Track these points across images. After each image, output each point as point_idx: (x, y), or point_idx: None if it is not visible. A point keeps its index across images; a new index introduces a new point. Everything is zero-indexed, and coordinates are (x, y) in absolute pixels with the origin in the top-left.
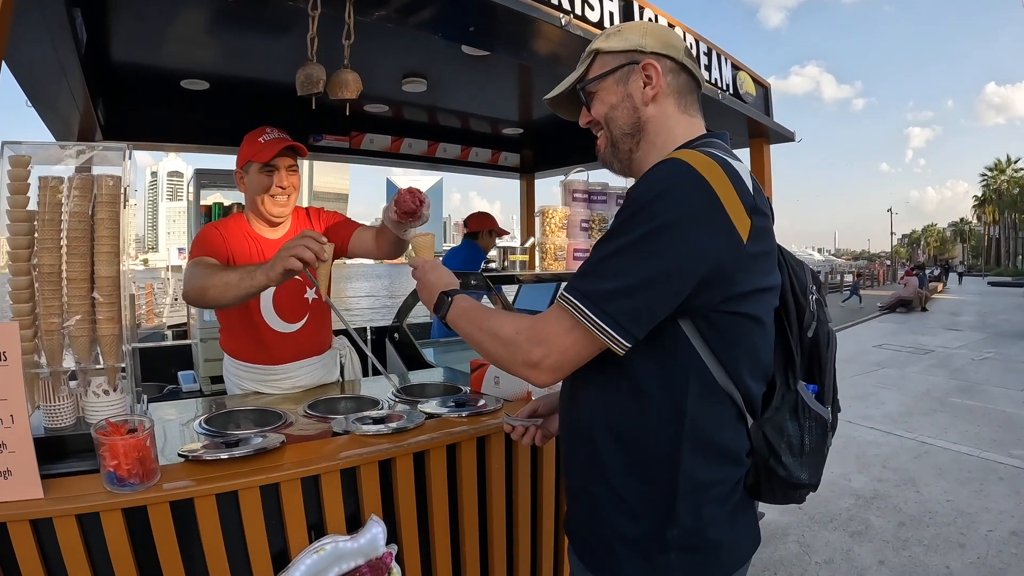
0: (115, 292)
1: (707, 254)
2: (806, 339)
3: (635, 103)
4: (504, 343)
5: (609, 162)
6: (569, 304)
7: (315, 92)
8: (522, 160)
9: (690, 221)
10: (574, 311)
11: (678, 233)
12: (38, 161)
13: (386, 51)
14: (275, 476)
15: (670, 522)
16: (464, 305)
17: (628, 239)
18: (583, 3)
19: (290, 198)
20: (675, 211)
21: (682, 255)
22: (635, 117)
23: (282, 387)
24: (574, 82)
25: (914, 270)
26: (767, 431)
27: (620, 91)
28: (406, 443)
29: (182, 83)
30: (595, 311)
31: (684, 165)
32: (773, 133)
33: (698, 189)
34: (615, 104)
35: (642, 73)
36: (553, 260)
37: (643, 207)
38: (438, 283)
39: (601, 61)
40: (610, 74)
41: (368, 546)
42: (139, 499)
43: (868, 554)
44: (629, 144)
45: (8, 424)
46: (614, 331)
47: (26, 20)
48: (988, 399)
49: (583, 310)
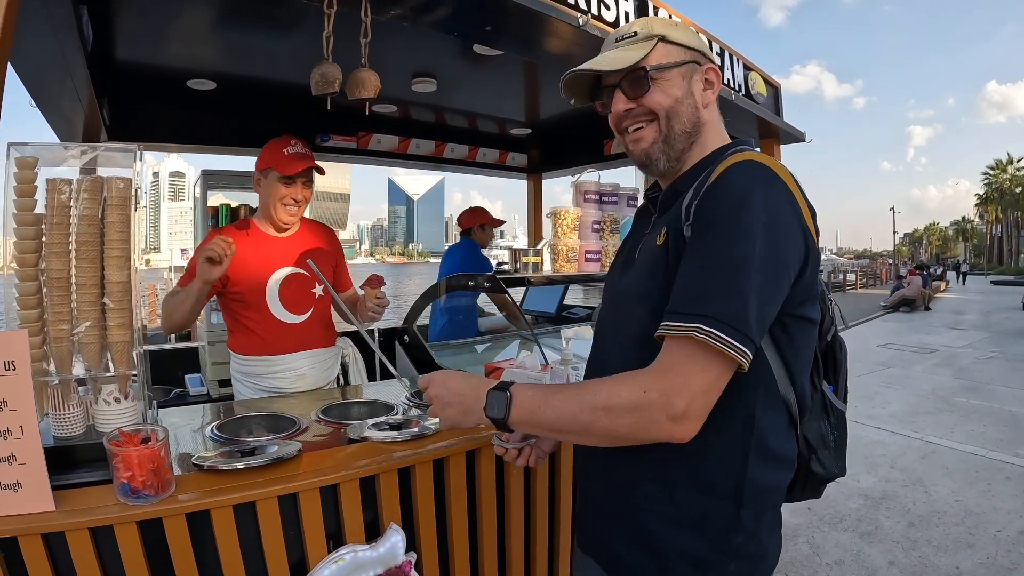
0: (126, 297)
1: (799, 251)
2: (825, 342)
3: (696, 103)
4: (631, 410)
5: (656, 157)
6: (703, 334)
7: (331, 92)
8: (529, 160)
9: (786, 221)
10: (711, 340)
11: (779, 237)
12: (44, 163)
13: (396, 50)
14: (294, 486)
15: (735, 530)
16: (532, 392)
17: (737, 249)
18: (599, 3)
19: (300, 208)
20: (774, 214)
21: (784, 259)
22: (696, 117)
23: (286, 378)
24: (635, 63)
25: (917, 269)
26: (807, 432)
27: (684, 87)
28: (425, 450)
29: (188, 83)
30: (731, 333)
31: (766, 169)
32: (784, 133)
33: (784, 192)
34: (680, 99)
35: (703, 75)
36: (565, 262)
37: (741, 213)
38: (477, 386)
39: (666, 49)
40: (676, 67)
41: (387, 555)
42: (154, 511)
43: (878, 554)
44: (684, 144)
45: (18, 436)
46: (749, 350)
47: (31, 18)
48: (993, 398)
49: (722, 337)
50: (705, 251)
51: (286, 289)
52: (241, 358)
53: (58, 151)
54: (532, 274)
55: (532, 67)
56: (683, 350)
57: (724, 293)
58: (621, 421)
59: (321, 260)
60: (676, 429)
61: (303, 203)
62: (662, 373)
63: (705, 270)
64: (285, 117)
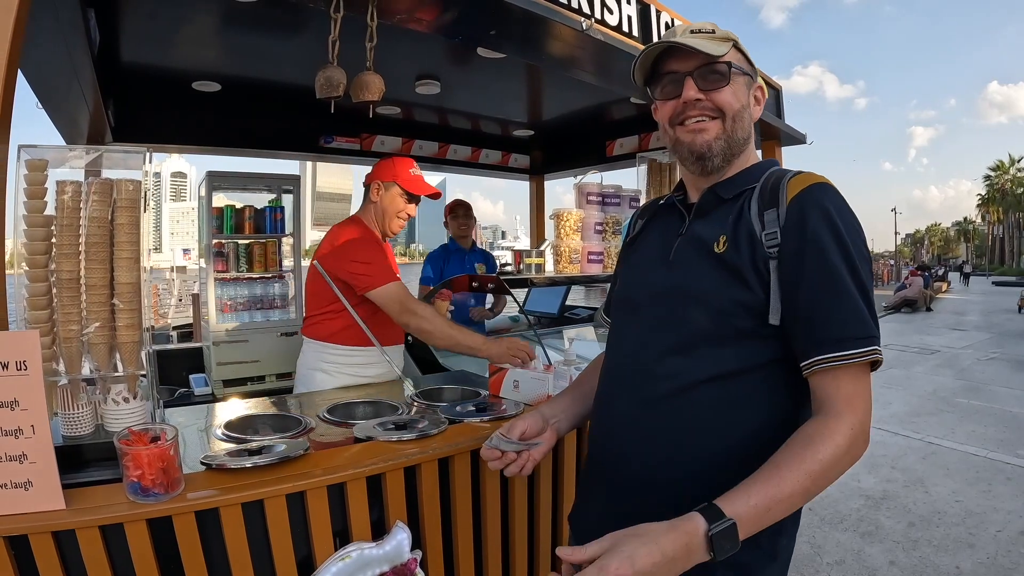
0: (135, 298)
1: None
2: None
3: (751, 115)
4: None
5: (716, 152)
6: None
7: (335, 96)
8: (532, 162)
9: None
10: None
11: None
12: (53, 164)
13: (401, 53)
14: (302, 484)
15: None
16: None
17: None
18: (603, 7)
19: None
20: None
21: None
22: (750, 129)
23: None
24: (721, 55)
25: (919, 270)
26: None
27: (746, 96)
28: (431, 449)
29: (193, 85)
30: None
31: (834, 188)
32: (785, 135)
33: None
34: (744, 106)
35: (756, 91)
36: (568, 263)
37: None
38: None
39: (737, 55)
40: (744, 74)
41: (393, 552)
42: (164, 509)
43: (879, 554)
44: (739, 149)
45: (29, 435)
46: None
47: (39, 21)
48: (994, 399)
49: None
50: (828, 278)
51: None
52: (347, 348)
53: (68, 153)
54: (535, 275)
55: (535, 70)
56: (857, 376)
57: (868, 315)
58: (840, 469)
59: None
60: (867, 445)
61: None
62: (852, 406)
63: (842, 296)
64: (290, 119)
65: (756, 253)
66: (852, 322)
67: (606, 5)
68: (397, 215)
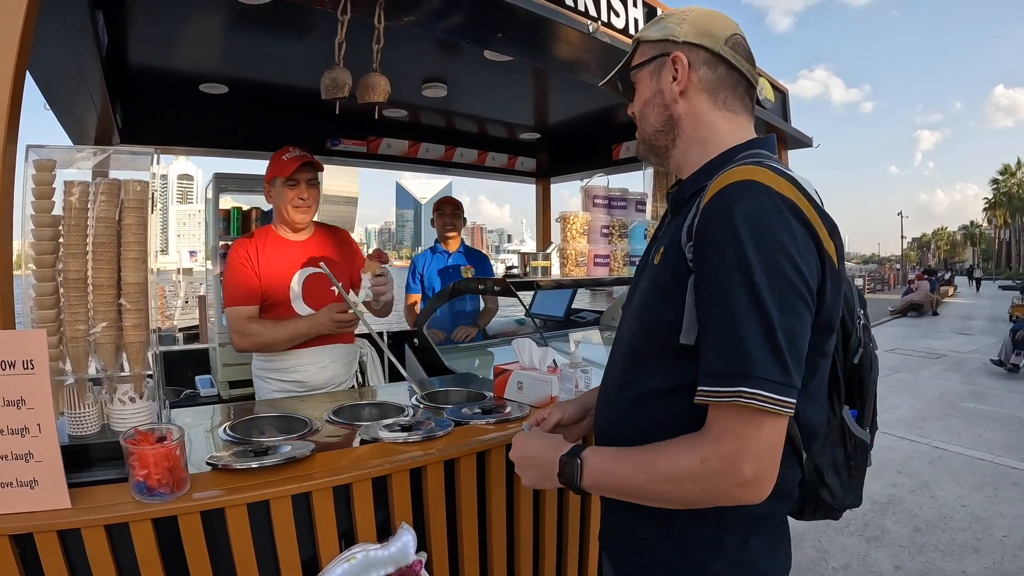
0: (142, 299)
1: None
2: (850, 364)
3: (664, 99)
4: (696, 480)
5: (644, 157)
6: (747, 398)
7: (340, 97)
8: (538, 165)
9: (797, 247)
10: (763, 404)
11: (793, 261)
12: (61, 165)
13: (407, 56)
14: (307, 485)
15: (716, 555)
16: (600, 459)
17: (751, 294)
18: (609, 10)
19: (311, 208)
20: (780, 239)
21: (798, 286)
22: (666, 115)
23: (308, 371)
24: (617, 72)
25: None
26: (817, 460)
27: (653, 85)
28: (436, 451)
29: (200, 87)
30: (772, 388)
31: (760, 187)
32: (791, 139)
33: (789, 211)
34: (648, 100)
35: (671, 66)
36: (574, 266)
37: (741, 243)
38: (551, 451)
39: (641, 51)
40: (644, 65)
41: (398, 554)
42: (170, 509)
43: (885, 559)
44: (664, 141)
45: (35, 434)
46: (793, 397)
47: (48, 22)
48: (1001, 404)
49: (766, 396)
50: (718, 298)
51: (308, 287)
52: (264, 357)
53: (75, 154)
54: (541, 278)
55: (541, 72)
56: (732, 415)
57: (758, 345)
58: (690, 491)
59: (335, 261)
60: (746, 494)
61: (312, 202)
62: (717, 440)
63: (722, 323)
64: (296, 121)
65: (679, 266)
66: (725, 355)
67: (612, 8)
68: (290, 204)
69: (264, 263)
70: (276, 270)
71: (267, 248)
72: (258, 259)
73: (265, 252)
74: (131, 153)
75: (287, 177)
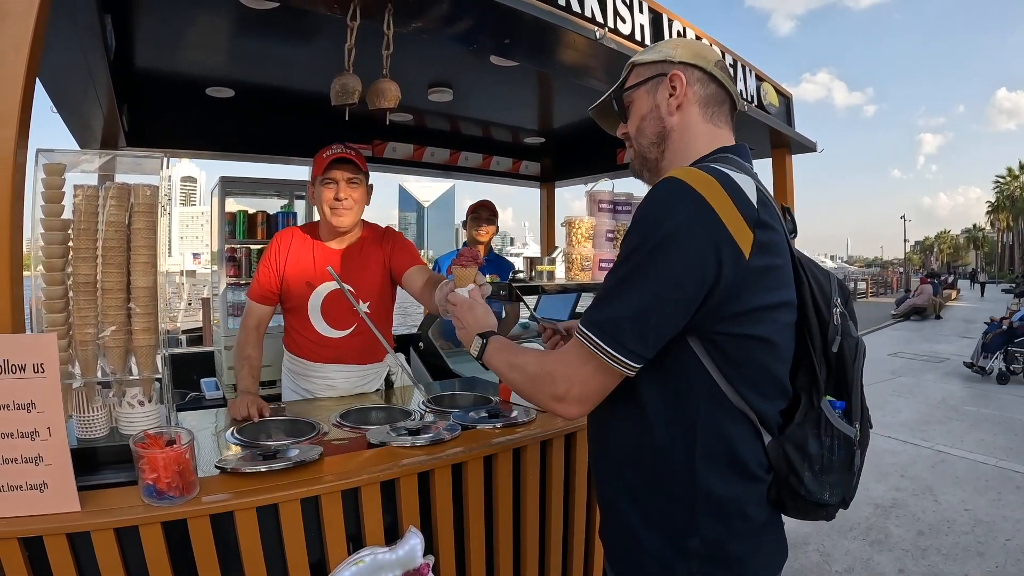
0: (152, 302)
1: (708, 267)
2: (831, 354)
3: (661, 113)
4: (531, 379)
5: (638, 172)
6: (582, 336)
7: (349, 103)
8: (543, 169)
9: (687, 235)
10: (586, 342)
11: (676, 248)
12: (68, 168)
13: (414, 61)
14: (316, 488)
15: (690, 532)
16: (497, 345)
17: (631, 263)
18: (615, 16)
19: (351, 211)
20: (671, 226)
21: (683, 270)
22: (660, 127)
23: (317, 384)
24: (611, 92)
25: (928, 278)
26: (787, 448)
27: (650, 102)
28: (444, 455)
29: (207, 90)
30: (605, 339)
31: (677, 182)
32: (795, 143)
33: (693, 203)
34: (644, 115)
35: (669, 84)
36: (579, 270)
37: (641, 229)
38: (475, 325)
39: (636, 72)
40: (642, 84)
41: (406, 557)
42: (179, 512)
43: (888, 563)
44: (655, 153)
45: (45, 437)
46: (623, 356)
47: (56, 26)
48: (1003, 407)
49: (594, 339)
50: (614, 266)
51: (329, 303)
52: (287, 355)
53: (83, 157)
54: (546, 282)
55: (546, 77)
56: (574, 345)
57: (607, 303)
58: (524, 386)
59: (370, 274)
60: (558, 407)
61: (353, 204)
62: (557, 358)
63: (607, 283)
64: (301, 124)
65: None
66: (594, 306)
67: (619, 14)
68: (327, 206)
69: (290, 265)
70: (300, 277)
71: (297, 250)
72: (285, 260)
73: (293, 254)
74: (138, 157)
75: (322, 175)
